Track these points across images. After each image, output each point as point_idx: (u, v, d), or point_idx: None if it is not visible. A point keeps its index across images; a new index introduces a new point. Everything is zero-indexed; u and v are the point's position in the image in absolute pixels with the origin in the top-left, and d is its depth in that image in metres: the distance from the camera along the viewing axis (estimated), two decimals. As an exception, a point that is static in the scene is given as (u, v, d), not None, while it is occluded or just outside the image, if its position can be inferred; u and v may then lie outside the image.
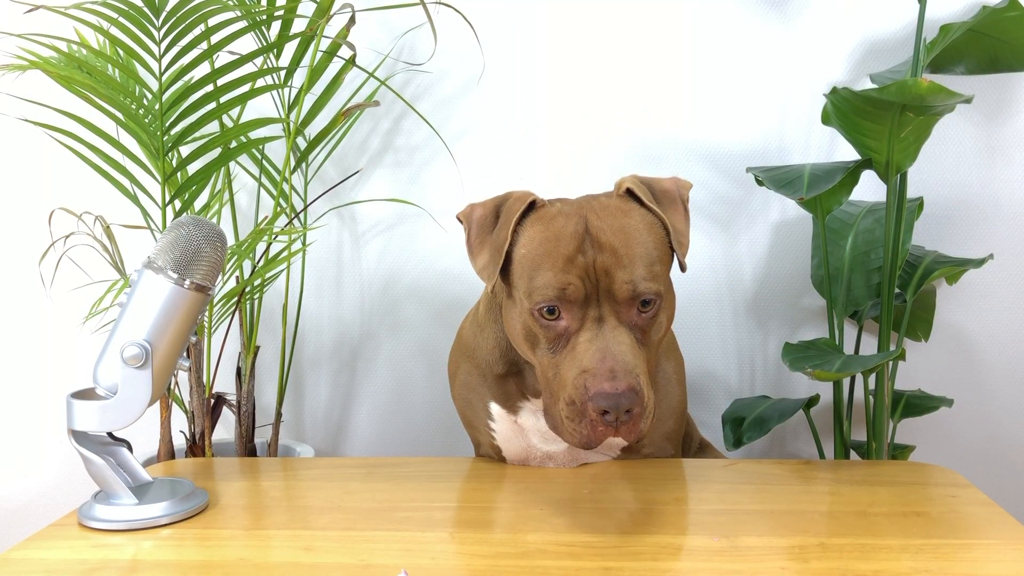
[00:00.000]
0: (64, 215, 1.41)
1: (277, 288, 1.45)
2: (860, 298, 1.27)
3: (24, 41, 1.29)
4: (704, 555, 0.72)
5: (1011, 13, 1.11)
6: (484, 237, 0.86)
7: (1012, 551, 0.72)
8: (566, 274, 0.78)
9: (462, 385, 1.01)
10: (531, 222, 0.84)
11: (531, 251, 0.82)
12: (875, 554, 0.71)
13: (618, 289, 0.78)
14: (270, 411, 1.48)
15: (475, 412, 1.00)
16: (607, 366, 0.74)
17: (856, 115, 1.10)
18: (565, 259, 0.79)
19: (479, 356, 0.97)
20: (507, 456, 0.99)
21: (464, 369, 1.00)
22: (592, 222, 0.81)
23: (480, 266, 0.85)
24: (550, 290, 0.78)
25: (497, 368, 0.95)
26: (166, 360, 0.82)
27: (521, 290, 0.81)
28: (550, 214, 0.83)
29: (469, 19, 1.31)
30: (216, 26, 1.09)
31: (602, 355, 0.75)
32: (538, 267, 0.80)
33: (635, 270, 0.78)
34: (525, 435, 0.96)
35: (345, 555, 0.73)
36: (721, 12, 1.38)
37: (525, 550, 0.73)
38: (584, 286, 0.78)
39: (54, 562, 0.73)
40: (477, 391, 0.98)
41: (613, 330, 0.77)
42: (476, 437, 1.03)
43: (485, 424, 0.99)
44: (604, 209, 0.82)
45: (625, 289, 0.78)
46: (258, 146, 1.19)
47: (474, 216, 0.88)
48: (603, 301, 0.78)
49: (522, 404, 0.95)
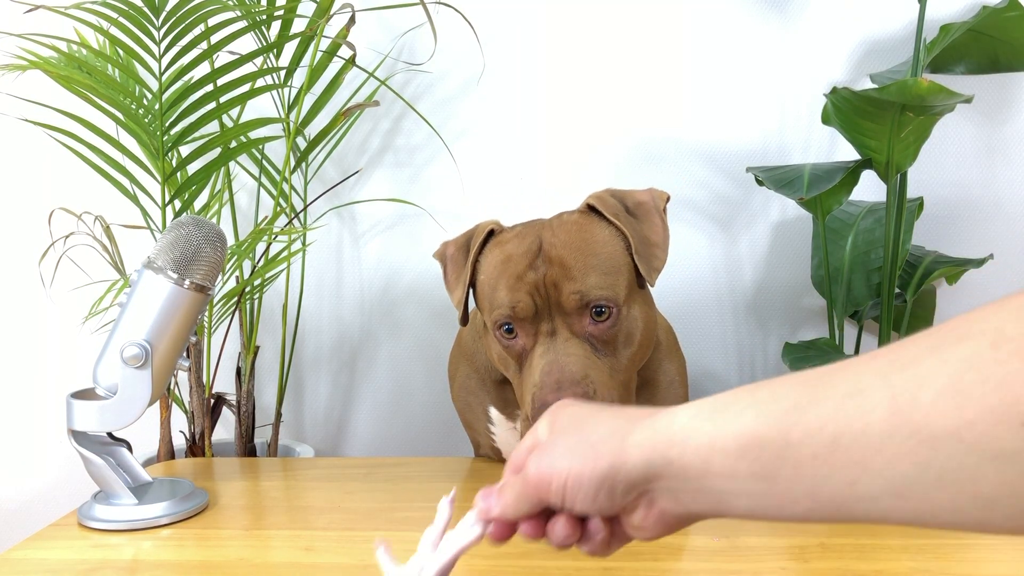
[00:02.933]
0: (64, 215, 1.41)
1: (277, 288, 1.45)
2: (860, 298, 1.27)
3: (24, 41, 1.29)
4: (704, 555, 0.72)
5: (1011, 13, 1.11)
6: (458, 272, 0.88)
7: (1012, 551, 0.72)
8: (516, 292, 0.79)
9: (461, 387, 1.01)
10: (489, 248, 0.86)
11: (488, 276, 0.83)
12: (875, 554, 0.71)
13: (566, 300, 0.78)
14: (270, 411, 1.48)
15: (474, 415, 1.00)
16: (553, 378, 0.74)
17: (856, 115, 1.10)
18: (515, 277, 0.80)
19: (479, 361, 0.97)
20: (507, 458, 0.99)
21: (463, 372, 1.00)
22: (546, 239, 0.82)
23: (456, 301, 0.87)
24: (503, 309, 0.79)
25: (496, 374, 0.95)
26: (166, 360, 0.82)
27: (486, 315, 0.83)
28: (506, 238, 0.85)
29: (469, 19, 1.31)
30: (216, 26, 1.09)
31: (549, 368, 0.75)
32: (493, 289, 0.81)
33: (586, 279, 0.78)
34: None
35: (345, 555, 0.73)
36: (721, 12, 1.38)
37: (525, 550, 0.73)
38: (534, 301, 0.78)
39: (54, 562, 0.73)
40: (476, 395, 0.99)
41: (564, 342, 0.77)
42: (475, 438, 1.04)
43: (485, 427, 0.99)
44: (561, 225, 0.83)
45: (572, 299, 0.78)
46: (258, 146, 1.19)
47: (447, 254, 0.90)
48: (554, 315, 0.79)
49: (518, 412, 0.95)
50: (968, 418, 0.32)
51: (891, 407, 0.34)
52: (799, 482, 0.37)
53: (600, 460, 0.43)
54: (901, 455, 0.33)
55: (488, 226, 0.87)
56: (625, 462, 0.42)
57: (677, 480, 0.41)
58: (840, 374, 0.36)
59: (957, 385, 0.32)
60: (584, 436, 0.45)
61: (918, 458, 0.33)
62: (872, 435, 0.34)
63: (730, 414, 0.39)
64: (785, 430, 0.37)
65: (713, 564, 0.70)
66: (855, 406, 0.35)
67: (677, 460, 0.40)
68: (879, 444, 0.34)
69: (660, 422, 0.42)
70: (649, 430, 0.42)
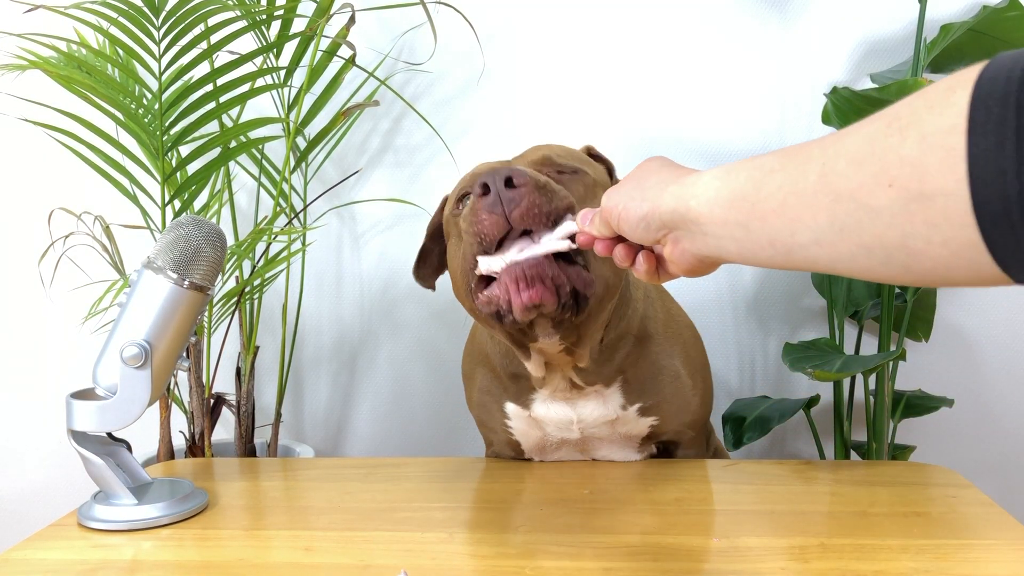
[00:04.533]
0: (64, 215, 1.41)
1: (277, 288, 1.45)
2: (860, 298, 1.27)
3: (24, 41, 1.29)
4: (704, 555, 0.72)
5: (1011, 13, 1.11)
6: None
7: (1012, 551, 0.72)
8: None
9: (480, 391, 1.01)
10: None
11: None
12: (875, 554, 0.71)
13: (530, 154, 0.84)
14: (270, 411, 1.48)
15: (491, 414, 1.00)
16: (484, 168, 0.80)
17: (856, 115, 1.10)
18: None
19: (494, 359, 0.97)
20: (525, 448, 0.99)
21: (481, 374, 1.00)
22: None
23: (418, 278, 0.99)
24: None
25: (510, 367, 0.95)
26: (166, 360, 0.82)
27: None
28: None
29: (469, 19, 1.31)
30: (216, 26, 1.09)
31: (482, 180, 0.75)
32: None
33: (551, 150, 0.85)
34: (540, 426, 0.96)
35: (345, 555, 0.73)
36: (721, 12, 1.38)
37: (525, 550, 0.73)
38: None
39: (54, 562, 0.73)
40: (494, 394, 0.99)
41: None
42: (489, 436, 1.04)
43: (502, 424, 0.99)
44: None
45: (537, 154, 0.84)
46: (258, 146, 1.19)
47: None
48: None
49: (532, 396, 0.95)
50: (859, 181, 0.39)
51: (820, 173, 0.42)
52: (764, 231, 0.46)
53: (644, 203, 0.56)
54: (821, 210, 0.42)
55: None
56: (659, 207, 0.55)
57: (692, 224, 0.52)
58: (806, 148, 0.44)
59: (858, 155, 0.40)
60: (640, 182, 0.58)
61: (831, 213, 0.41)
62: (807, 195, 0.43)
63: (731, 176, 0.49)
64: (758, 189, 0.46)
65: (713, 564, 0.70)
66: (801, 172, 0.43)
67: (693, 209, 0.51)
68: (811, 202, 0.42)
69: (689, 179, 0.54)
70: (680, 185, 0.54)
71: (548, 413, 0.95)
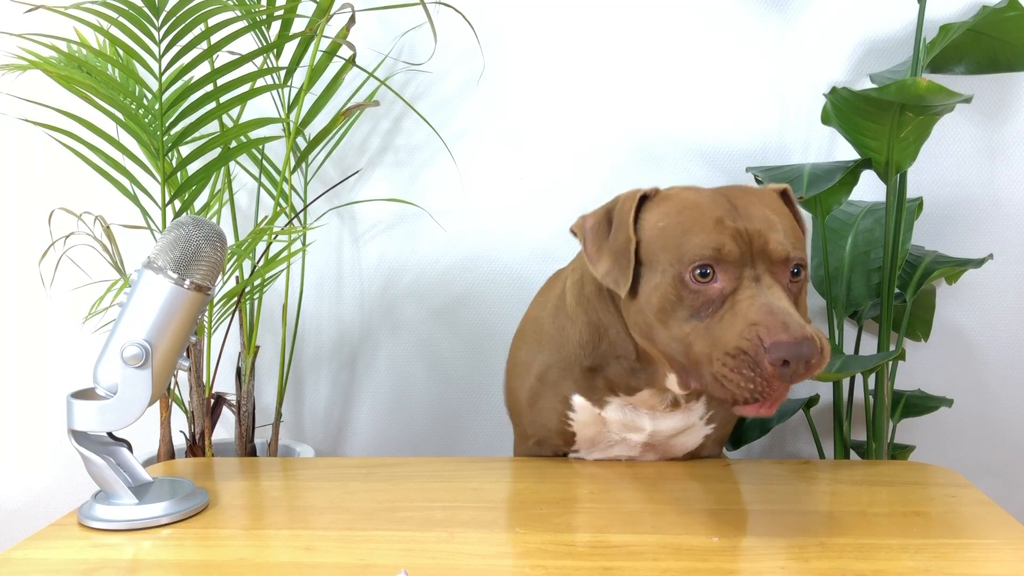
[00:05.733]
0: (64, 215, 1.41)
1: (277, 288, 1.45)
2: (860, 298, 1.27)
3: (24, 41, 1.29)
4: (704, 555, 0.72)
5: (1011, 13, 1.11)
6: (600, 244, 0.85)
7: (1012, 551, 0.72)
8: (719, 234, 0.76)
9: (539, 379, 0.98)
10: (654, 205, 0.83)
11: (670, 223, 0.80)
12: (875, 554, 0.71)
13: (774, 248, 0.76)
14: (270, 411, 1.48)
15: (548, 404, 0.97)
16: (779, 319, 0.70)
17: (856, 115, 1.10)
18: (714, 221, 0.77)
19: (568, 348, 0.95)
20: (579, 441, 0.98)
21: (543, 361, 0.98)
22: (733, 195, 0.81)
23: (602, 272, 0.84)
24: (705, 250, 0.76)
25: (586, 361, 0.93)
26: (166, 360, 0.82)
27: (663, 261, 0.79)
28: (674, 192, 0.83)
29: (469, 19, 1.31)
30: (216, 26, 1.09)
31: (768, 308, 0.72)
32: (685, 232, 0.78)
33: (787, 237, 0.78)
34: (606, 424, 0.96)
35: (345, 555, 0.73)
36: (721, 12, 1.38)
37: (525, 550, 0.73)
38: (738, 246, 0.76)
39: (54, 562, 0.73)
40: (557, 384, 0.96)
41: (773, 288, 0.75)
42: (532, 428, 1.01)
43: (561, 415, 0.97)
44: (746, 189, 0.83)
45: (781, 249, 0.76)
46: (258, 146, 1.19)
47: (587, 226, 0.87)
48: (757, 262, 0.76)
49: (609, 399, 0.94)
50: None
51: None
52: None
53: None
54: None
55: (636, 192, 0.84)
56: None
57: None
58: None
59: None
60: None
61: None
62: None
63: None
64: None
65: (713, 564, 0.70)
66: None
67: None
68: None
69: None
70: None
71: (623, 418, 0.94)
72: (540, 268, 1.44)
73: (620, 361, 0.91)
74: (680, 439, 0.97)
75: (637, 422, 0.94)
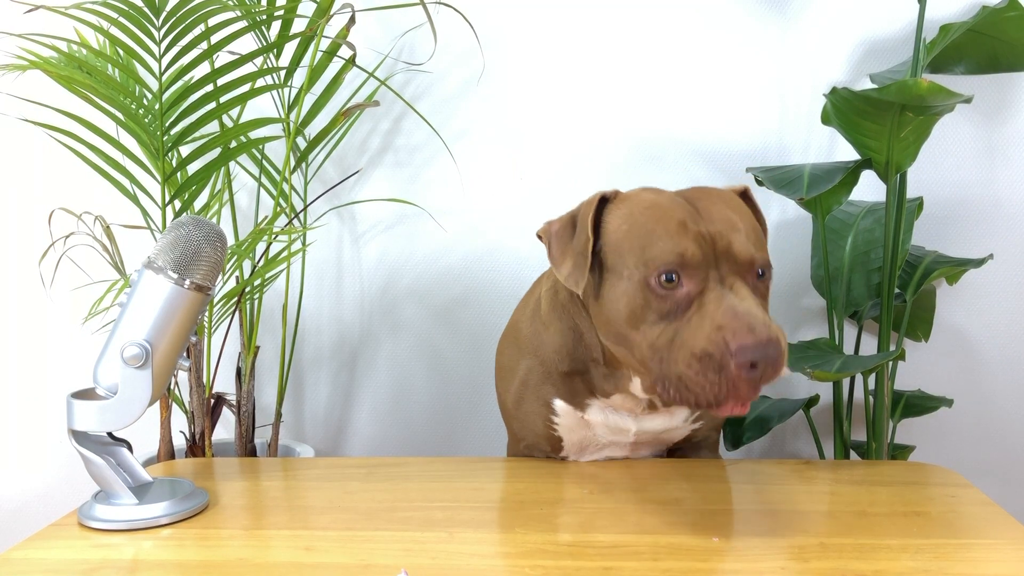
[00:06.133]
0: (64, 215, 1.41)
1: (277, 288, 1.45)
2: (860, 298, 1.27)
3: (24, 41, 1.29)
4: (704, 555, 0.72)
5: (1011, 13, 1.11)
6: (564, 247, 0.85)
7: (1012, 551, 0.72)
8: (682, 238, 0.76)
9: (521, 383, 0.98)
10: (614, 207, 0.83)
11: (633, 226, 0.80)
12: (875, 554, 0.71)
13: (738, 250, 0.76)
14: (270, 411, 1.48)
15: (532, 408, 0.98)
16: (744, 322, 0.71)
17: (856, 115, 1.10)
18: (677, 224, 0.77)
19: (544, 353, 0.95)
20: (567, 445, 0.98)
21: (525, 365, 0.98)
22: (694, 196, 0.81)
23: (565, 274, 0.84)
24: (669, 255, 0.76)
25: (563, 366, 0.93)
26: (166, 360, 0.82)
27: (629, 265, 0.79)
28: (634, 194, 0.83)
29: (469, 19, 1.31)
30: (216, 26, 1.09)
31: (734, 312, 0.72)
32: (648, 236, 0.78)
33: (750, 238, 0.78)
34: (591, 427, 0.96)
35: (345, 555, 0.73)
36: (721, 12, 1.38)
37: (525, 550, 0.73)
38: (701, 250, 0.76)
39: (54, 562, 0.73)
40: (538, 389, 0.97)
41: (738, 290, 0.75)
42: (523, 431, 1.01)
43: (546, 420, 0.97)
44: (707, 190, 0.83)
45: (744, 251, 0.76)
46: (258, 146, 1.19)
47: (552, 230, 0.87)
48: (722, 263, 0.76)
49: (590, 402, 0.94)
50: None
51: None
52: None
53: None
54: None
55: (596, 195, 0.84)
56: None
57: None
58: None
59: None
60: None
61: None
62: None
63: None
64: None
65: (713, 564, 0.70)
66: None
67: None
68: None
69: None
70: None
71: (606, 420, 0.94)
72: (540, 268, 1.44)
73: (595, 364, 0.91)
74: (666, 436, 0.98)
75: (621, 424, 0.94)
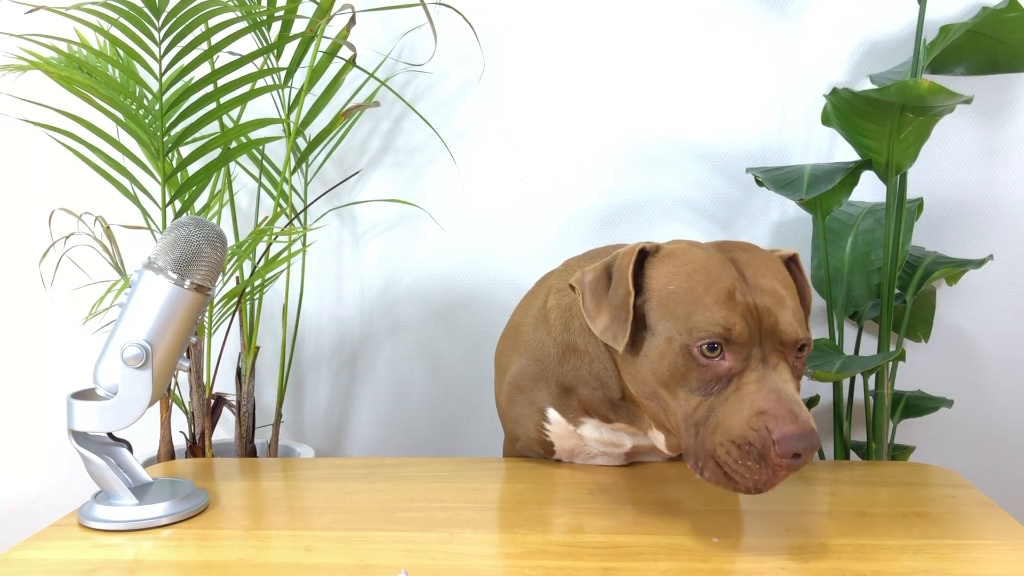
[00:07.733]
0: (64, 215, 1.41)
1: (277, 288, 1.45)
2: (860, 298, 1.27)
3: (24, 41, 1.29)
4: (704, 555, 0.72)
5: (1011, 14, 1.11)
6: (600, 300, 0.82)
7: (1012, 551, 0.72)
8: (730, 312, 0.74)
9: (514, 384, 0.98)
10: (659, 263, 0.81)
11: (680, 287, 0.78)
12: (875, 554, 0.71)
13: (783, 330, 0.75)
14: (270, 411, 1.48)
15: (524, 411, 0.97)
16: (786, 408, 0.70)
17: (856, 116, 1.10)
18: (726, 295, 0.75)
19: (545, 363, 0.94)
20: (558, 450, 0.98)
21: (518, 365, 0.97)
22: (743, 260, 0.79)
23: (601, 328, 0.81)
24: (716, 328, 0.74)
25: (563, 379, 0.92)
26: (166, 360, 0.82)
27: (672, 329, 0.77)
28: (680, 249, 0.81)
29: (469, 19, 1.31)
30: (216, 27, 1.09)
31: (777, 396, 0.71)
32: (696, 303, 0.76)
33: (796, 314, 0.76)
34: (583, 440, 0.95)
35: (345, 555, 0.73)
36: (721, 12, 1.38)
37: (525, 550, 0.73)
38: (748, 326, 0.74)
39: (54, 562, 0.73)
40: (531, 394, 0.96)
41: (780, 371, 0.74)
42: (517, 432, 1.01)
43: (537, 424, 0.97)
44: (754, 253, 0.81)
45: (790, 331, 0.75)
46: (258, 146, 1.19)
47: (586, 281, 0.84)
48: (765, 341, 0.75)
49: (584, 420, 0.93)
50: None
51: None
52: None
53: None
54: None
55: (636, 247, 0.81)
56: None
57: None
58: None
59: None
60: None
61: None
62: None
63: None
64: None
65: (713, 564, 0.70)
66: None
67: None
68: None
69: None
70: None
71: (600, 436, 0.94)
72: (540, 268, 1.44)
73: (600, 391, 0.89)
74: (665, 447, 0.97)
75: (616, 439, 0.94)
